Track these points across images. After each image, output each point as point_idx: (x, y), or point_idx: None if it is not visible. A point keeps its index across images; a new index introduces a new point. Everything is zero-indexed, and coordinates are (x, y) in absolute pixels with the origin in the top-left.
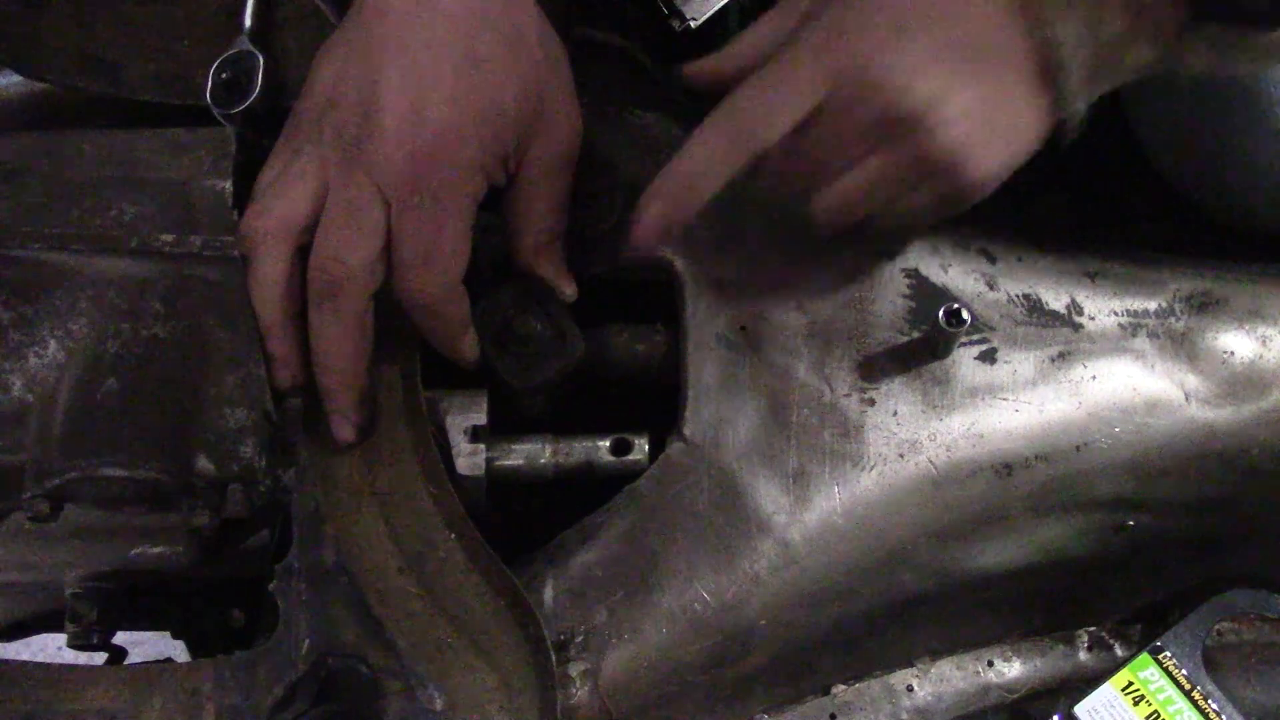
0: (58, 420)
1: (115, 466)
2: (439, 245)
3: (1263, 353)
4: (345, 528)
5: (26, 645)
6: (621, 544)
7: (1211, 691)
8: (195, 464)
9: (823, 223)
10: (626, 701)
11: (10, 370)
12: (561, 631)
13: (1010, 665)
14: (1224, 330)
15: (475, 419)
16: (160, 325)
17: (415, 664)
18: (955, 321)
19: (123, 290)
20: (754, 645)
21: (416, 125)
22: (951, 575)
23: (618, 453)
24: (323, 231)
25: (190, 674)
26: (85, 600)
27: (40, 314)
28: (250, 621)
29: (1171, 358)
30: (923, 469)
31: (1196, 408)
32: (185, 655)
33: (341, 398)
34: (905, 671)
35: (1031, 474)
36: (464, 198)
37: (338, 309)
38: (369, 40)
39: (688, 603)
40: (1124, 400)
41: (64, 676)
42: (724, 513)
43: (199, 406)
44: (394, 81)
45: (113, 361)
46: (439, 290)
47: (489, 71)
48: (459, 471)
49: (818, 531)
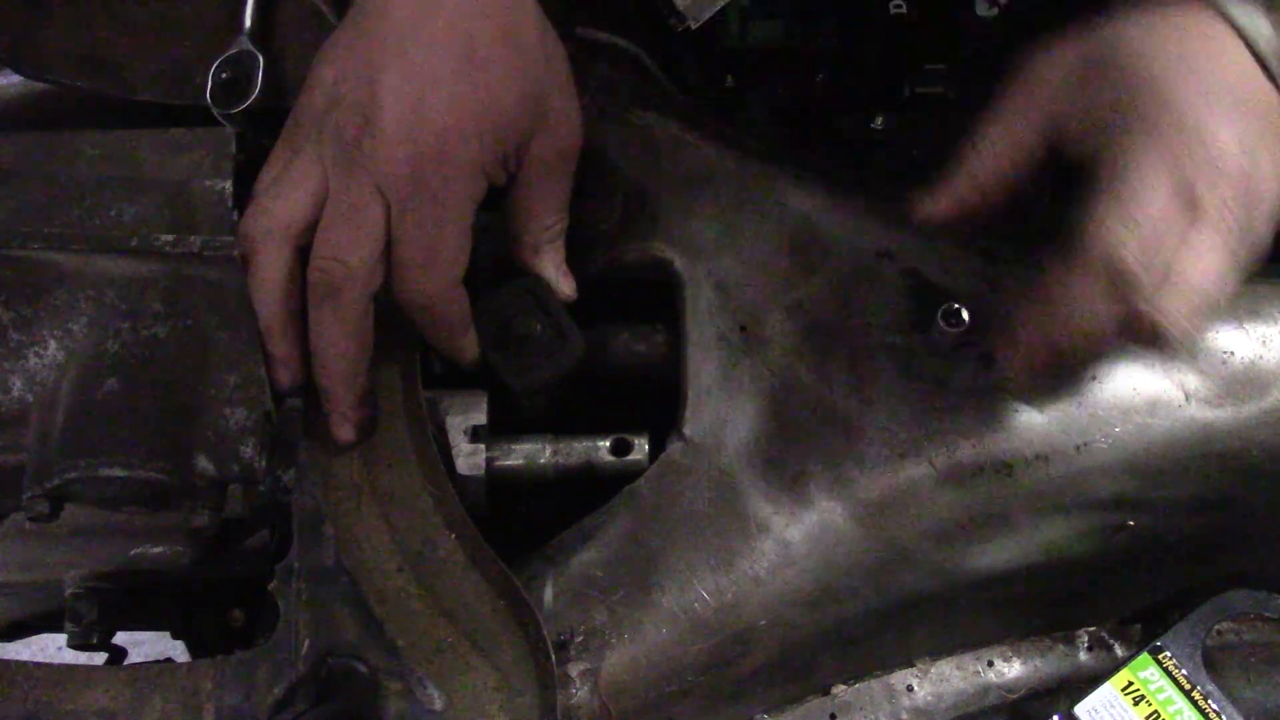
0: (58, 420)
1: (115, 466)
2: (439, 245)
3: (1263, 353)
4: (345, 528)
5: (26, 645)
6: (621, 544)
7: (1211, 691)
8: (195, 464)
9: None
10: (626, 701)
11: (10, 370)
12: (561, 631)
13: (1010, 665)
14: (1224, 330)
15: (475, 419)
16: (160, 325)
17: (415, 664)
18: (955, 321)
19: (123, 290)
20: (754, 645)
21: (416, 126)
22: (951, 575)
23: (617, 453)
24: (323, 232)
25: (190, 674)
26: (85, 600)
27: (40, 314)
28: (250, 621)
29: (1171, 358)
30: (923, 469)
31: (1196, 408)
32: (185, 655)
33: (341, 398)
34: (905, 671)
35: (1031, 474)
36: (464, 198)
37: (338, 309)
38: (369, 41)
39: (688, 603)
40: (1124, 400)
41: (64, 676)
42: (724, 513)
43: (199, 406)
44: (394, 82)
45: (113, 361)
46: (439, 290)
47: (489, 72)
48: (459, 471)
49: (818, 531)
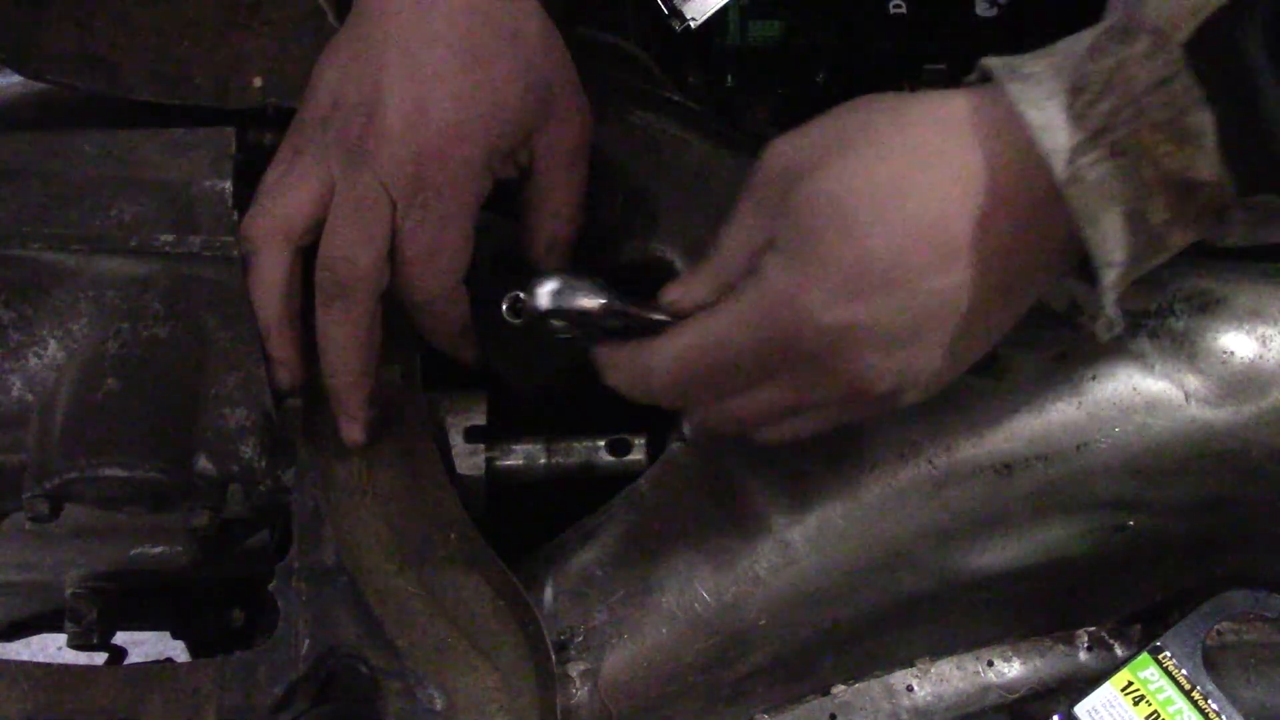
0: (58, 420)
1: (115, 466)
2: (442, 243)
3: (1263, 353)
4: (345, 528)
5: (26, 645)
6: (621, 544)
7: (1211, 691)
8: (195, 464)
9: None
10: (626, 701)
11: (10, 370)
12: (561, 631)
13: (1010, 665)
14: (1224, 330)
15: (475, 419)
16: (160, 325)
17: (415, 664)
18: None
19: (123, 290)
20: (754, 645)
21: (420, 124)
22: (951, 575)
23: (617, 453)
24: (330, 232)
25: (190, 674)
26: (85, 600)
27: (40, 314)
28: (250, 621)
29: (1171, 358)
30: (923, 469)
31: (1196, 408)
32: (185, 655)
33: (350, 399)
34: (905, 671)
35: (1031, 474)
36: (468, 195)
37: (348, 309)
38: (371, 41)
39: (688, 603)
40: (1124, 400)
41: (64, 676)
42: (724, 513)
43: (199, 406)
44: (397, 81)
45: (113, 361)
46: (441, 289)
47: (491, 68)
48: (459, 471)
49: (818, 531)
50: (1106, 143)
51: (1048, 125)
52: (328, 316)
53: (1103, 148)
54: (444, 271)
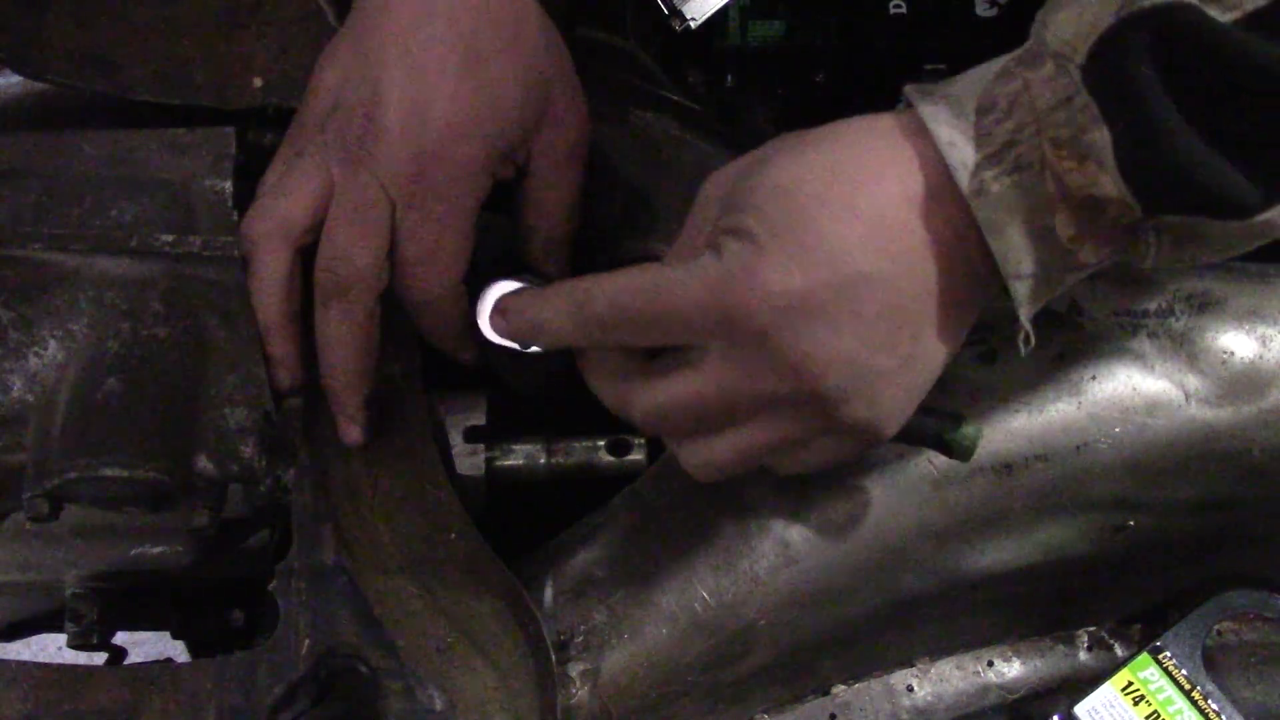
0: (58, 420)
1: (115, 466)
2: (442, 243)
3: (1263, 353)
4: (345, 528)
5: (26, 645)
6: (621, 544)
7: (1211, 691)
8: (195, 464)
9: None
10: (626, 701)
11: (10, 370)
12: (561, 631)
13: (1010, 665)
14: (1224, 330)
15: (475, 419)
16: (160, 325)
17: (415, 664)
18: None
19: (123, 290)
20: (754, 645)
21: (419, 124)
22: (951, 575)
23: (617, 453)
24: (329, 232)
25: (190, 674)
26: (85, 600)
27: (40, 314)
28: (250, 621)
29: (1171, 358)
30: (923, 469)
31: (1196, 408)
32: (185, 655)
33: (350, 400)
34: (905, 671)
35: (1031, 474)
36: (467, 195)
37: (347, 309)
38: (370, 42)
39: (688, 603)
40: (1124, 400)
41: (64, 676)
42: (724, 512)
43: (199, 406)
44: (396, 81)
45: (113, 361)
46: (441, 289)
47: (490, 68)
48: (459, 471)
49: (817, 531)
50: (1010, 158)
51: (954, 141)
52: (327, 316)
53: (1006, 163)
54: (444, 271)
